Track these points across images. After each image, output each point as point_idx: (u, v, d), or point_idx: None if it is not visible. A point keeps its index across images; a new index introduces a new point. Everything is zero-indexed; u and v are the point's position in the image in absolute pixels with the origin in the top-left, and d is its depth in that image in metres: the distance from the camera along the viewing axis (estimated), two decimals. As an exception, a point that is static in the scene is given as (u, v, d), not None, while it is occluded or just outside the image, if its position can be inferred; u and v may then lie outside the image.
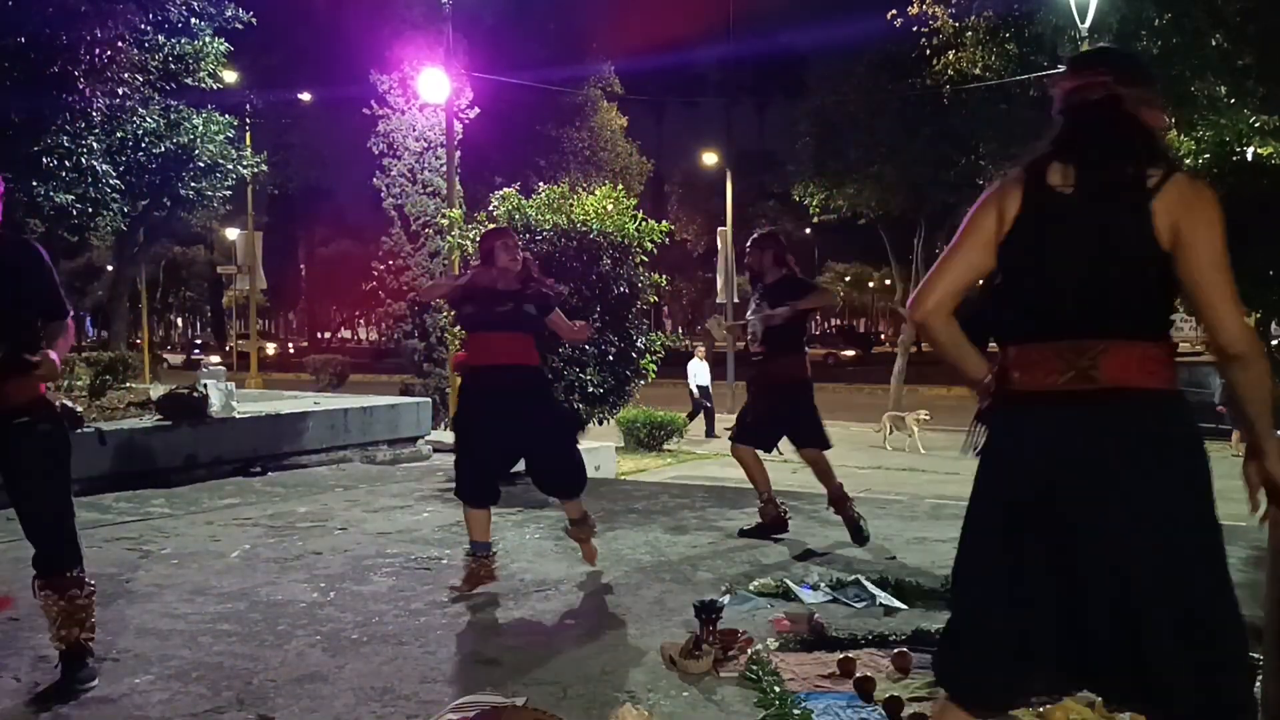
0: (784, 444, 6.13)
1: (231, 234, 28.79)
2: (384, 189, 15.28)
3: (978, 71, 17.84)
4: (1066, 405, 2.06)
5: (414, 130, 15.32)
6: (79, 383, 10.25)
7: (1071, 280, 2.06)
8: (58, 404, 3.85)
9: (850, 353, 45.32)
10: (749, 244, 6.18)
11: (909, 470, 13.65)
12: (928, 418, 16.79)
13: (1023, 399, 2.12)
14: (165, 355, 40.61)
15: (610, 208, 8.71)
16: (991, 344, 2.26)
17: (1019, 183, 2.15)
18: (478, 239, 5.20)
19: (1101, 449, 2.02)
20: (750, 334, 6.08)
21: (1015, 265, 2.15)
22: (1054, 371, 2.07)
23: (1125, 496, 2.00)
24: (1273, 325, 10.97)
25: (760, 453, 6.05)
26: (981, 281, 2.21)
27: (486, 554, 4.88)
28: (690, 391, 18.31)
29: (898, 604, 4.50)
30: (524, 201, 8.78)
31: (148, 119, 13.72)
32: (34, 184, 12.35)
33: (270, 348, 49.32)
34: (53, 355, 3.34)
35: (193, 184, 15.53)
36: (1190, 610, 1.97)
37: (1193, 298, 2.06)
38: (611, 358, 8.66)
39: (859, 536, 5.87)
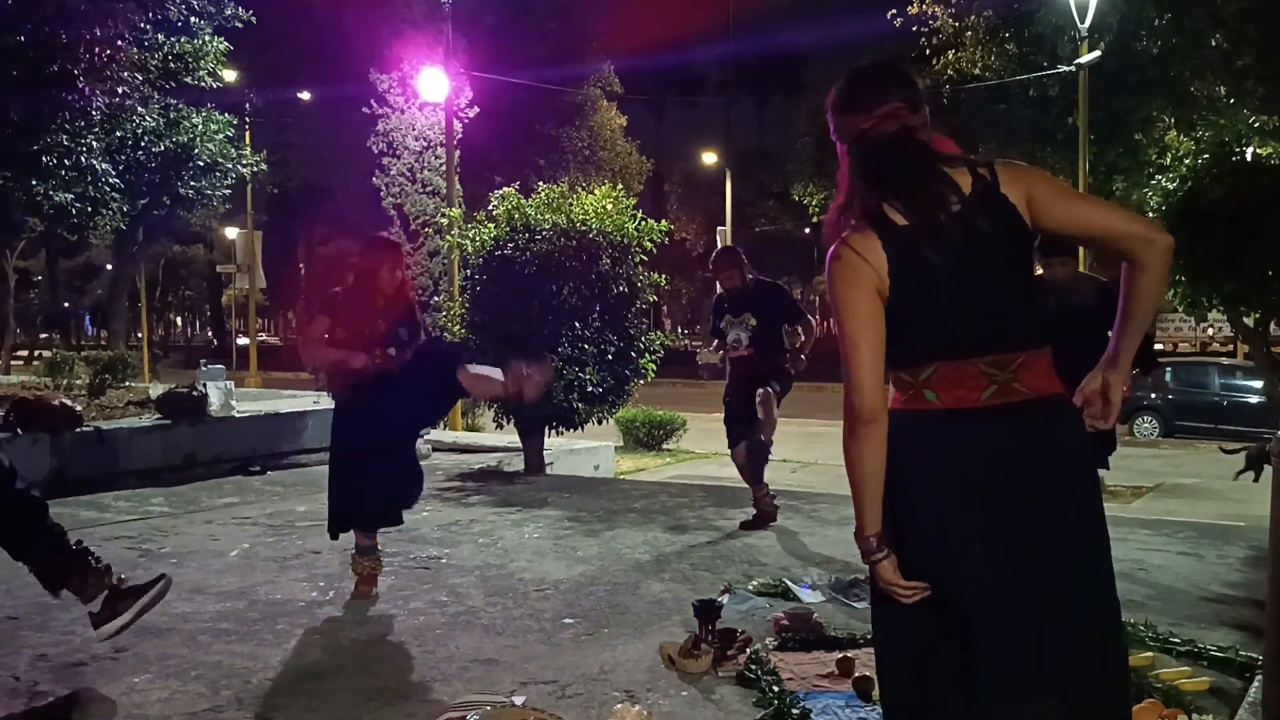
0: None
1: (231, 233, 28.76)
2: (383, 188, 15.30)
3: (978, 71, 17.85)
4: (991, 419, 2.05)
5: (413, 129, 15.34)
6: (78, 381, 10.25)
7: (985, 293, 2.04)
8: (56, 402, 3.90)
9: None
10: (724, 260, 6.27)
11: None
12: None
13: (946, 418, 2.07)
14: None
15: (610, 207, 8.71)
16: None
17: (870, 236, 2.05)
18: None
19: (1033, 456, 2.05)
20: (733, 342, 6.20)
21: (910, 304, 2.06)
22: (976, 388, 2.06)
23: (1059, 497, 2.04)
24: (1272, 325, 10.96)
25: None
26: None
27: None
28: None
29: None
30: (523, 201, 8.78)
31: (147, 118, 13.69)
32: (33, 183, 12.33)
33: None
34: None
35: (192, 183, 15.51)
36: (1103, 597, 2.09)
37: (1085, 228, 2.10)
38: (611, 357, 8.66)
39: (759, 522, 6.22)
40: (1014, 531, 2.03)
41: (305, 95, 25.98)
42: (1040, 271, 4.99)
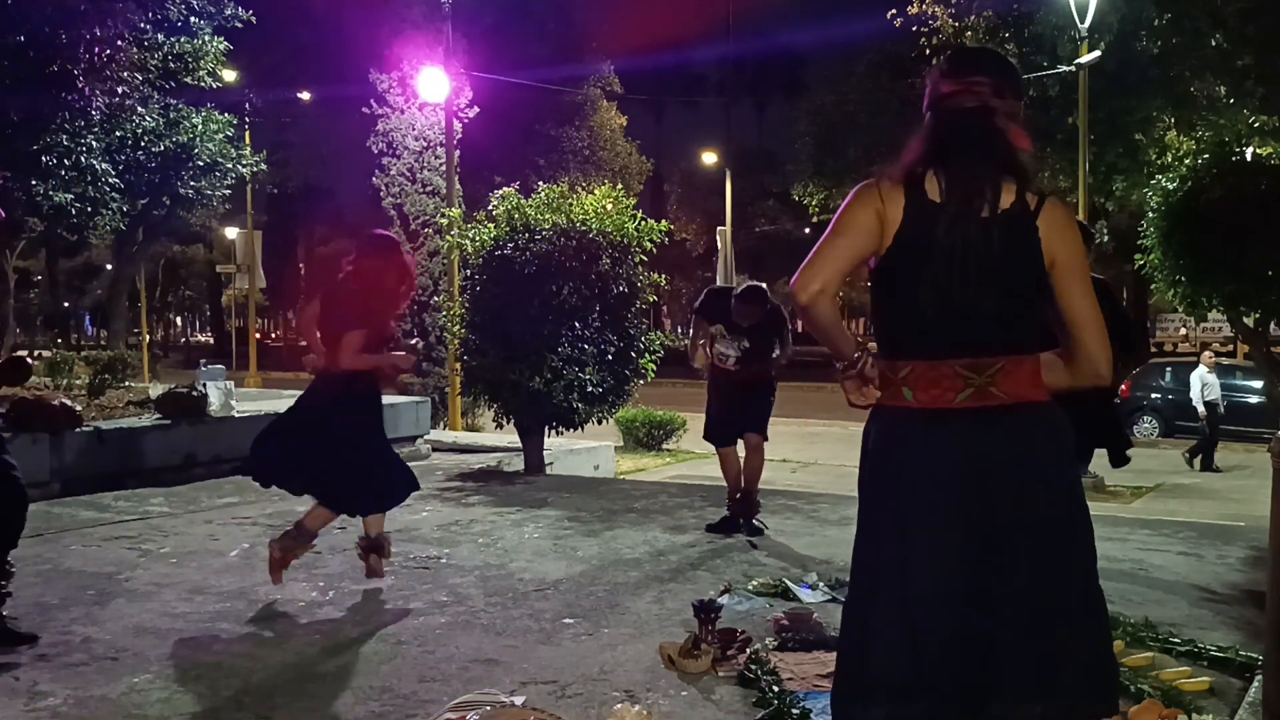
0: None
1: (231, 233, 28.75)
2: (383, 188, 15.26)
3: (978, 71, 17.87)
4: (968, 421, 2.06)
5: (413, 129, 15.31)
6: (78, 381, 10.24)
7: (972, 299, 2.05)
8: (56, 402, 3.96)
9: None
10: (750, 304, 6.13)
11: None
12: None
13: (920, 416, 2.08)
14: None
15: (609, 207, 8.71)
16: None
17: (899, 190, 2.09)
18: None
19: (1006, 460, 2.04)
20: (719, 356, 6.18)
21: (902, 280, 2.09)
22: (952, 389, 2.06)
23: (1032, 503, 2.04)
24: (1272, 325, 10.95)
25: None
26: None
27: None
28: (1197, 411, 14.37)
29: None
30: (523, 201, 8.78)
31: (147, 118, 13.68)
32: (33, 183, 12.33)
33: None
34: None
35: (192, 183, 15.49)
36: (1088, 599, 2.09)
37: (1070, 324, 2.13)
38: (611, 357, 8.66)
39: (751, 529, 6.13)
40: (979, 534, 2.02)
41: (305, 95, 25.97)
42: None
